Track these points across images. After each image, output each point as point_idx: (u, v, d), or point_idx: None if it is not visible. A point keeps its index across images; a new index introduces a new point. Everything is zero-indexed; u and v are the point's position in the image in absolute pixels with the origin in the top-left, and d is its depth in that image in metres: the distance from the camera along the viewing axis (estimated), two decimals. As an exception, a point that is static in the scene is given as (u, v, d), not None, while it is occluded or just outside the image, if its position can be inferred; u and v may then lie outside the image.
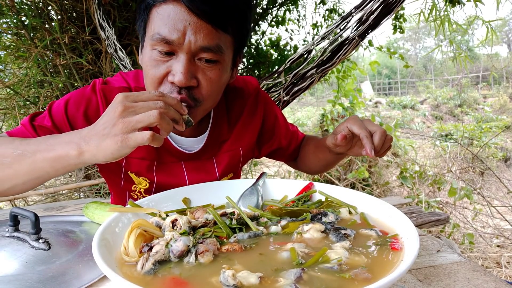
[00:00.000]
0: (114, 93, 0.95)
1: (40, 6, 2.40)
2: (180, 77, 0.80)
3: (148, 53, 0.84)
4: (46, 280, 0.64)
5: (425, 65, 28.74)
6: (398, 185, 4.63)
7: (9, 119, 2.76)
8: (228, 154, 1.09)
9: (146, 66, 0.86)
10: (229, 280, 0.48)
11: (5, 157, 0.73)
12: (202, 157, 1.06)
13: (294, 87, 1.43)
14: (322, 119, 5.01)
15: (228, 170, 1.11)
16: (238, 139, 1.11)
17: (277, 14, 3.37)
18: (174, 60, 0.82)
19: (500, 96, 14.72)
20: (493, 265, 2.84)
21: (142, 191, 1.06)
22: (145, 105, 0.66)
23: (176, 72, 0.81)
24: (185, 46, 0.79)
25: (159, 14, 0.80)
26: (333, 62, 1.30)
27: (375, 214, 0.73)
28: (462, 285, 0.65)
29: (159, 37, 0.79)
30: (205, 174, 1.07)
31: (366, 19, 1.20)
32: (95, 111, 0.94)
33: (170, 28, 0.78)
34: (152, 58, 0.83)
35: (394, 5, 1.18)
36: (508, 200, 4.04)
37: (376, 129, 0.86)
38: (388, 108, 14.31)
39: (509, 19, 25.44)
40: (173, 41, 0.79)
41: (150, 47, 0.83)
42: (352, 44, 1.25)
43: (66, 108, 0.92)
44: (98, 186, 3.03)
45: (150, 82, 0.86)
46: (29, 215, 0.73)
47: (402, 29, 3.26)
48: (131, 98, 0.66)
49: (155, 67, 0.83)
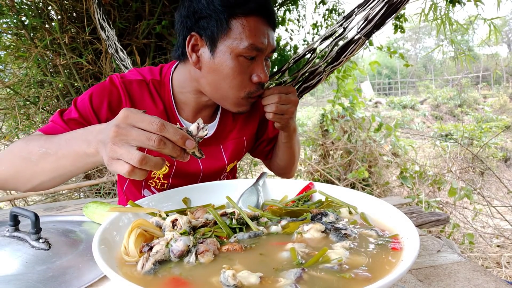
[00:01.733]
0: (133, 84, 1.03)
1: (40, 6, 2.40)
2: (265, 76, 0.96)
3: (232, 60, 0.93)
4: (46, 280, 0.64)
5: (425, 65, 28.75)
6: (398, 185, 4.63)
7: (9, 119, 2.76)
8: (233, 142, 1.18)
9: (229, 71, 0.94)
10: (229, 280, 0.48)
11: (33, 155, 0.78)
12: (211, 144, 1.14)
13: (303, 84, 1.44)
14: (322, 119, 5.01)
15: (234, 156, 1.20)
16: (242, 129, 1.20)
17: (277, 14, 3.37)
18: (255, 63, 0.96)
19: (500, 96, 14.72)
20: (493, 265, 2.84)
21: (161, 177, 1.11)
22: (138, 138, 0.60)
23: (261, 73, 0.96)
24: (266, 50, 0.95)
25: (246, 26, 0.91)
26: (340, 61, 1.31)
27: (375, 214, 0.73)
28: (462, 285, 0.65)
29: (253, 47, 0.92)
30: (215, 159, 1.15)
31: (372, 18, 1.20)
32: (118, 103, 1.01)
33: (260, 37, 0.92)
34: (238, 64, 0.93)
35: (400, 4, 1.18)
36: (508, 200, 4.04)
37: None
38: (388, 108, 14.31)
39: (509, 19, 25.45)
40: (263, 48, 0.94)
41: (234, 55, 0.92)
42: (358, 43, 1.26)
43: (91, 101, 0.98)
44: (98, 186, 3.03)
45: (236, 85, 0.96)
46: (29, 215, 0.73)
47: (403, 29, 3.26)
48: (130, 120, 0.61)
49: (243, 73, 0.95)
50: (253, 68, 0.96)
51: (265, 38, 0.93)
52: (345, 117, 4.68)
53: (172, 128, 0.60)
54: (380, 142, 4.88)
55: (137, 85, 1.04)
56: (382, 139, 4.96)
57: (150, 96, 1.05)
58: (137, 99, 1.03)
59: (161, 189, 1.16)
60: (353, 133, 4.68)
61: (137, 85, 1.04)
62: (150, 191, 1.18)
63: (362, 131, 4.71)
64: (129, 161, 0.59)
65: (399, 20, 3.22)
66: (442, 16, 2.29)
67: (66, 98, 2.72)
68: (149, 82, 1.06)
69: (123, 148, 0.60)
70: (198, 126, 0.62)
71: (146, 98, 1.04)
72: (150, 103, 1.04)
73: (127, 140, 0.61)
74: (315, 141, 4.90)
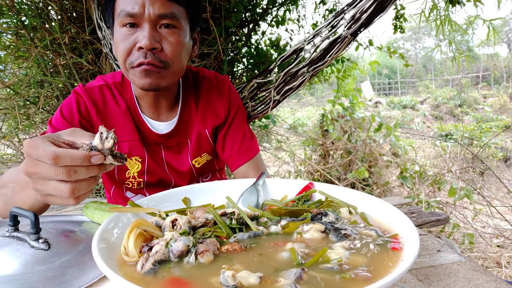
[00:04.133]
0: (94, 90, 1.10)
1: (40, 6, 2.39)
2: (145, 41, 0.94)
3: (118, 32, 0.98)
4: (46, 280, 0.64)
5: (425, 65, 28.74)
6: (398, 185, 4.63)
7: (9, 119, 2.76)
8: (196, 134, 1.19)
9: (117, 43, 0.99)
10: (229, 280, 0.47)
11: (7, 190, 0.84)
12: (177, 138, 1.17)
13: (285, 85, 1.41)
14: (322, 119, 5.01)
15: (198, 150, 1.20)
16: (204, 120, 1.19)
17: (277, 14, 3.36)
18: (139, 30, 0.96)
19: (500, 96, 14.71)
20: (493, 265, 2.83)
21: (136, 176, 1.14)
22: (47, 174, 0.56)
23: (142, 38, 0.95)
24: (146, 16, 0.95)
25: None
26: (325, 61, 1.28)
27: (375, 214, 0.73)
28: (462, 285, 0.65)
29: (124, 13, 0.95)
30: (179, 158, 1.18)
31: (359, 17, 1.18)
32: (85, 109, 1.08)
33: (131, 4, 0.94)
34: (121, 34, 0.97)
35: (387, 3, 1.17)
36: (508, 200, 4.04)
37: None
38: (388, 108, 14.30)
39: (509, 19, 25.44)
40: (136, 13, 0.94)
41: (119, 27, 0.98)
42: (344, 42, 1.24)
43: (62, 115, 1.05)
44: (98, 186, 3.03)
45: (121, 54, 0.98)
46: (29, 215, 0.73)
47: (403, 29, 3.26)
48: (33, 155, 0.57)
49: (124, 41, 0.97)
50: (136, 36, 0.97)
51: (139, 4, 0.94)
52: (345, 117, 4.68)
53: (68, 154, 0.55)
54: (380, 142, 4.88)
55: (99, 90, 1.11)
56: (382, 139, 4.96)
57: (112, 98, 1.11)
58: (99, 103, 1.10)
59: (138, 188, 1.18)
60: (353, 133, 4.68)
61: (99, 90, 1.11)
62: (132, 192, 1.20)
63: (362, 131, 4.71)
64: (62, 196, 0.57)
65: (399, 20, 3.22)
66: (441, 16, 2.29)
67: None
68: (111, 85, 1.13)
69: (45, 185, 0.58)
70: (101, 137, 0.58)
71: (109, 101, 1.11)
72: (113, 105, 1.11)
73: (41, 177, 0.57)
74: (315, 141, 4.90)
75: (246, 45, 3.20)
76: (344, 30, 1.22)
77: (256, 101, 1.57)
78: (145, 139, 1.14)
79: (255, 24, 3.19)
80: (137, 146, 1.12)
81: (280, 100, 1.49)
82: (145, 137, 1.14)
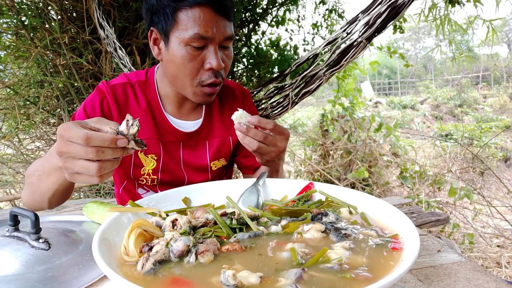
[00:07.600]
0: (117, 88, 1.12)
1: (40, 6, 2.39)
2: (216, 62, 0.99)
3: (182, 49, 0.99)
4: (46, 280, 0.64)
5: (425, 65, 28.74)
6: (398, 185, 4.63)
7: (9, 119, 2.76)
8: (218, 140, 1.22)
9: (180, 60, 1.00)
10: (230, 280, 0.47)
11: (33, 179, 0.88)
12: (197, 138, 1.19)
13: (303, 89, 1.47)
14: (322, 119, 5.01)
15: (216, 155, 1.22)
16: (228, 128, 1.23)
17: (277, 14, 3.37)
18: (207, 51, 1.00)
19: (500, 96, 14.72)
20: (493, 265, 2.83)
21: (150, 173, 1.16)
22: (78, 153, 0.63)
23: (212, 60, 0.99)
24: (216, 39, 0.98)
25: (190, 17, 0.96)
26: (341, 65, 1.33)
27: (375, 214, 0.73)
28: (462, 285, 0.65)
29: (197, 36, 0.96)
30: (197, 155, 1.20)
31: (373, 23, 1.21)
32: (107, 106, 1.10)
33: (205, 27, 0.96)
34: (188, 53, 0.99)
35: (402, 7, 1.19)
36: (508, 200, 4.04)
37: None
38: (388, 108, 14.30)
39: (509, 19, 25.44)
40: (208, 37, 0.97)
41: (183, 44, 0.98)
42: (359, 47, 1.28)
43: (85, 111, 1.08)
44: (98, 186, 3.03)
45: (188, 73, 1.01)
46: (29, 215, 0.73)
47: (402, 29, 3.26)
48: (65, 137, 0.64)
49: (193, 61, 1.00)
50: (204, 56, 1.00)
51: (212, 27, 0.97)
52: (345, 117, 4.68)
53: (98, 136, 0.63)
54: (380, 142, 4.88)
55: (122, 88, 1.13)
56: (382, 139, 4.96)
57: (134, 97, 1.13)
58: (121, 101, 1.12)
59: (152, 185, 1.19)
60: (353, 133, 4.68)
61: (121, 88, 1.13)
62: (144, 189, 1.20)
63: (362, 131, 4.71)
64: (89, 174, 0.64)
65: (399, 21, 3.22)
66: (441, 16, 2.29)
67: (66, 98, 2.72)
68: (134, 83, 1.15)
69: (74, 164, 0.65)
70: (127, 124, 0.65)
71: (130, 99, 1.13)
72: (133, 103, 1.13)
73: (71, 156, 0.65)
74: (315, 141, 4.90)
75: (246, 45, 3.20)
76: (359, 36, 1.26)
77: (272, 103, 1.67)
78: (163, 137, 1.16)
79: (255, 24, 3.19)
80: (154, 144, 1.15)
81: (297, 101, 1.56)
82: (164, 135, 1.16)
